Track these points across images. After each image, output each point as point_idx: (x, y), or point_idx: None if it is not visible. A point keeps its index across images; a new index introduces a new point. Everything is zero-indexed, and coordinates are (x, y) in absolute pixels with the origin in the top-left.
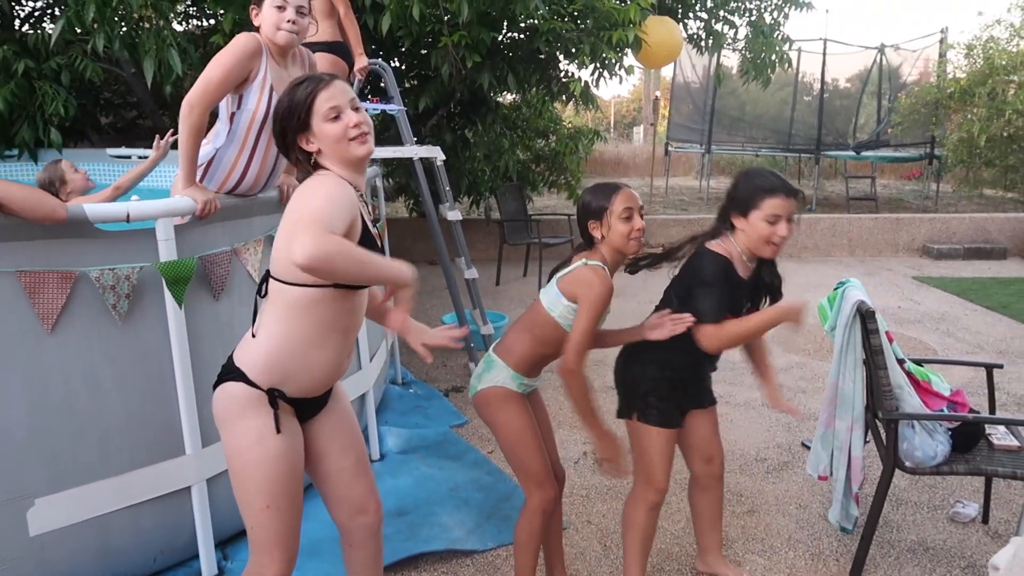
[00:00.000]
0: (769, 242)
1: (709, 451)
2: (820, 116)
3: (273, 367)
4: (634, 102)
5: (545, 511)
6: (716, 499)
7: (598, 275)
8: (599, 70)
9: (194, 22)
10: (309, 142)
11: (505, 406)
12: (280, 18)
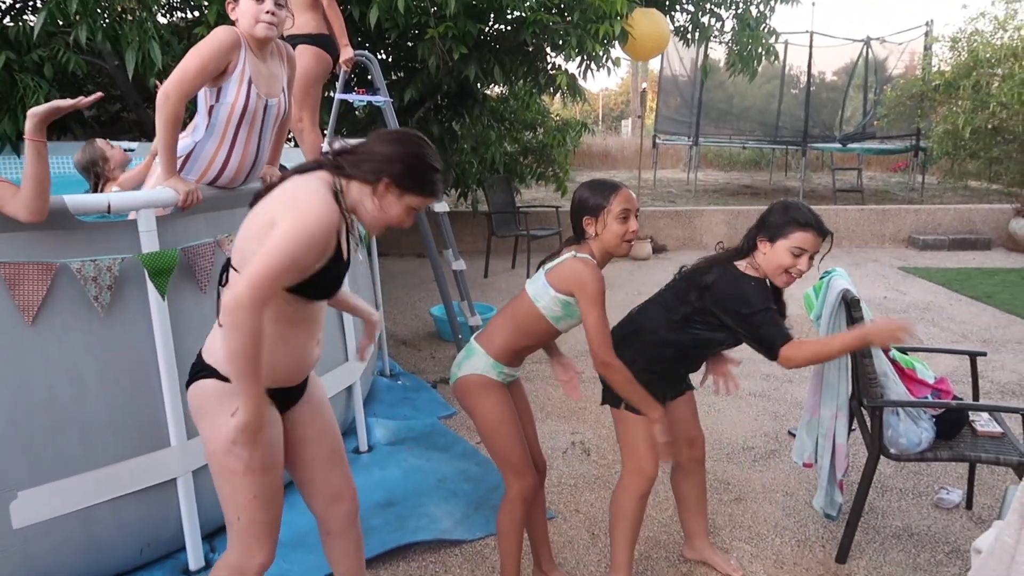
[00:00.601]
0: (786, 272)
1: (690, 433)
2: (807, 108)
3: None
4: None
5: (525, 499)
6: (699, 484)
7: (589, 267)
8: (586, 62)
9: (178, 14)
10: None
11: (484, 394)
12: (258, 10)
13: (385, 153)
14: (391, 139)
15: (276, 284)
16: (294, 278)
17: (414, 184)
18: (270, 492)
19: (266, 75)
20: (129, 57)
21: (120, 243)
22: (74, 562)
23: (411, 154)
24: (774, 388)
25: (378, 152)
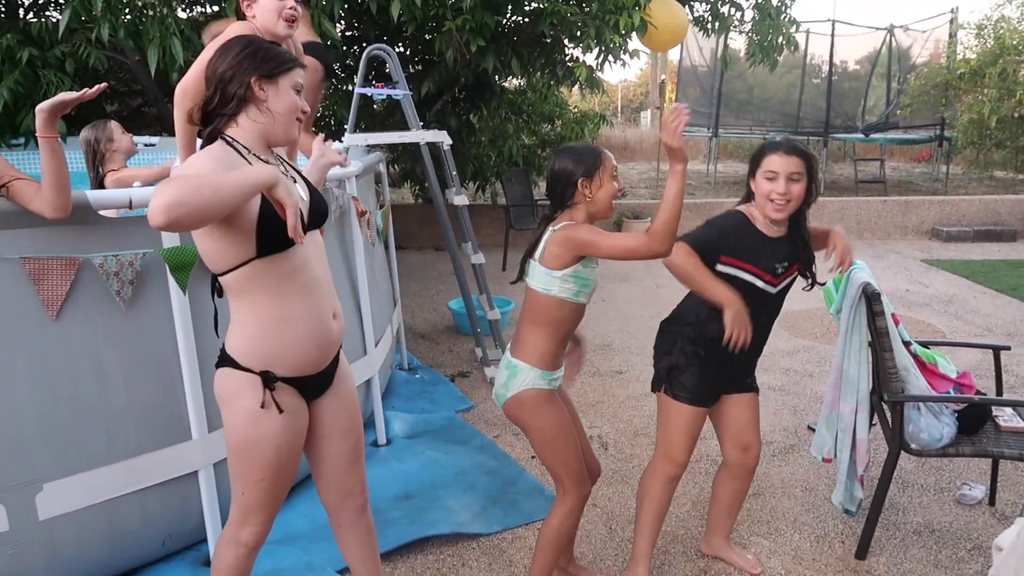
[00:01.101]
0: (769, 200)
1: (745, 440)
2: (828, 98)
3: (255, 351)
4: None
5: (582, 508)
6: (741, 491)
7: (573, 227)
8: (604, 54)
9: (198, 9)
10: (263, 89)
11: (541, 409)
12: (281, 7)
13: (228, 70)
14: (219, 56)
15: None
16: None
17: (274, 63)
18: (279, 477)
19: None
20: (151, 53)
21: (141, 238)
22: (98, 553)
23: (246, 48)
24: (793, 382)
25: (221, 76)
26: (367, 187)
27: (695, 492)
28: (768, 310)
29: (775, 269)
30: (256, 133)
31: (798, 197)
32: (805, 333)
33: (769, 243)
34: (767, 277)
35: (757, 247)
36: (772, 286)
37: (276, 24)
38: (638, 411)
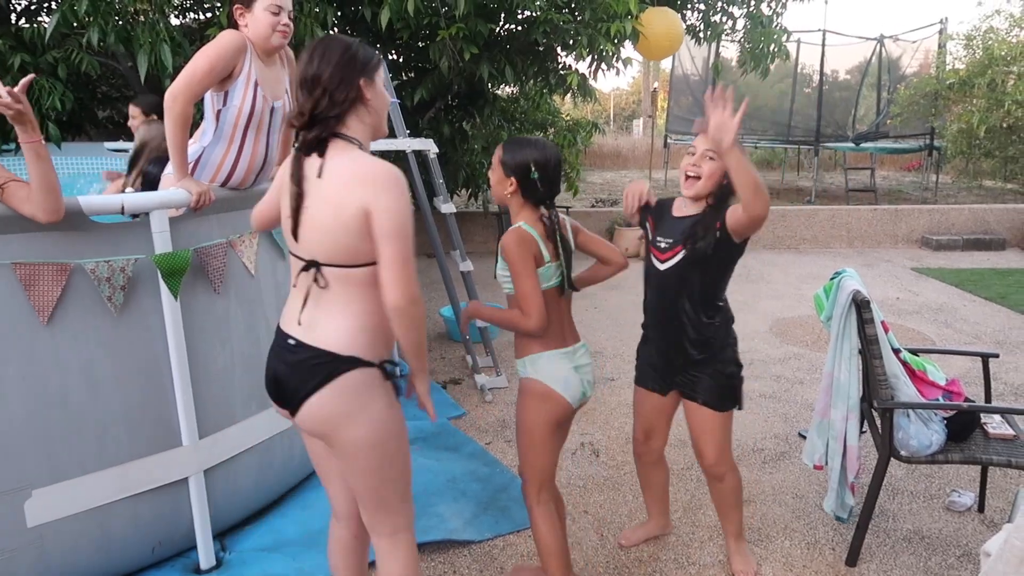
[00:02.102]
0: (685, 174)
1: (697, 447)
2: (819, 108)
3: (376, 343)
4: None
5: (547, 502)
6: (715, 492)
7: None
8: (596, 62)
9: (190, 15)
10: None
11: (543, 405)
12: (275, 22)
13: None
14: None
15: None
16: None
17: (371, 62)
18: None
19: (271, 79)
20: (141, 59)
21: (133, 244)
22: (87, 560)
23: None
24: (784, 390)
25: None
26: None
27: (686, 499)
28: (660, 294)
29: (657, 242)
30: (365, 132)
31: (709, 175)
32: (796, 340)
33: (671, 220)
34: (652, 250)
35: (661, 221)
36: (659, 261)
37: (270, 36)
38: (630, 418)
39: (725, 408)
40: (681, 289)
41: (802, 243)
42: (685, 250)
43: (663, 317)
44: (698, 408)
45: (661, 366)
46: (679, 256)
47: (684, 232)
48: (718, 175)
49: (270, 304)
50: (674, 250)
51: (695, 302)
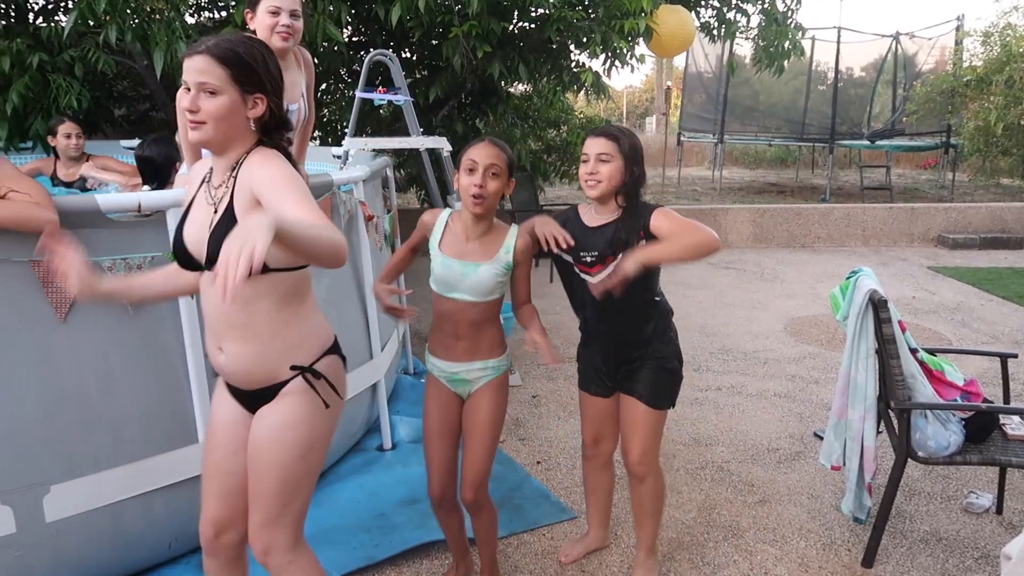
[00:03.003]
0: (584, 181)
1: (625, 444)
2: (834, 105)
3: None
4: (646, 92)
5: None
6: (635, 495)
7: (426, 213)
8: (610, 60)
9: (205, 14)
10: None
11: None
12: (274, 23)
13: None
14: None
15: None
16: None
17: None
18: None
19: (286, 82)
20: (157, 57)
21: (149, 242)
22: (104, 555)
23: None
24: (800, 389)
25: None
26: (374, 192)
27: (700, 499)
28: (599, 302)
29: (581, 257)
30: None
31: (609, 177)
32: (811, 340)
33: (586, 232)
34: (578, 266)
35: (575, 237)
36: (588, 275)
37: (270, 39)
38: None
39: (660, 406)
40: (623, 300)
41: (817, 242)
42: (615, 262)
43: (603, 326)
44: (633, 403)
45: (605, 369)
46: (609, 268)
47: (608, 243)
48: (617, 175)
49: None
50: (603, 263)
51: (632, 306)
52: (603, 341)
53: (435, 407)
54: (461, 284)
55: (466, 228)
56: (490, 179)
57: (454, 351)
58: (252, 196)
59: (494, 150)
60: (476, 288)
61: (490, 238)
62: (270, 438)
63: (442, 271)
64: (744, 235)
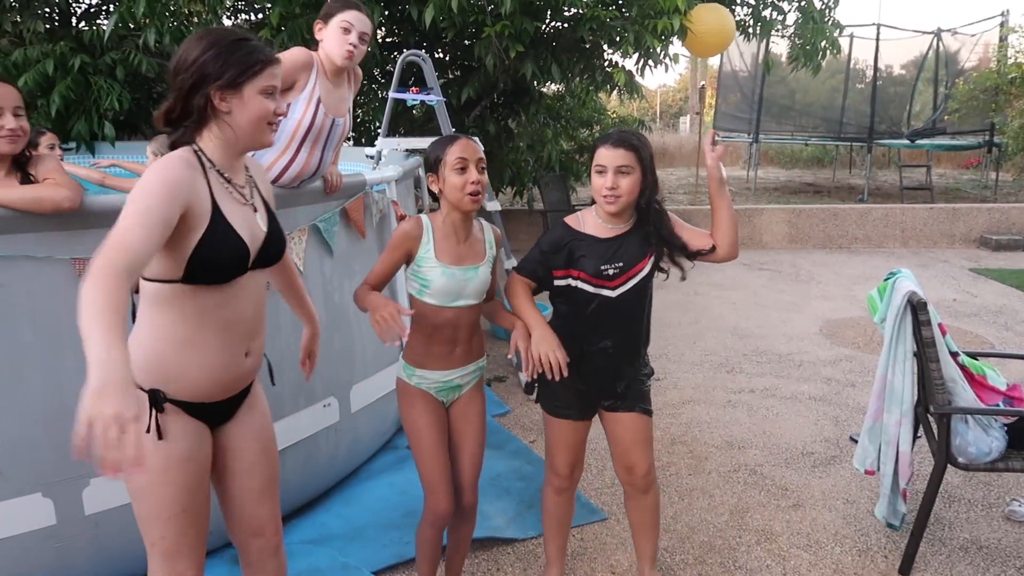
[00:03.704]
0: (600, 195)
1: (628, 460)
2: (873, 103)
3: (149, 366)
4: (680, 91)
5: (433, 525)
6: (640, 508)
7: (408, 219)
8: (643, 59)
9: (242, 16)
10: (224, 101)
11: (403, 402)
12: (344, 40)
13: (188, 78)
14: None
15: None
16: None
17: (236, 69)
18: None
19: (336, 97)
20: None
21: None
22: (140, 548)
23: (205, 52)
24: (835, 392)
25: (181, 86)
26: (407, 191)
27: (733, 502)
28: (614, 316)
29: (602, 271)
30: (221, 146)
31: (629, 191)
32: (847, 342)
33: (599, 245)
34: (596, 281)
35: (583, 251)
36: (609, 289)
37: (335, 54)
38: (676, 419)
39: (652, 411)
40: (637, 309)
41: (854, 243)
42: (639, 274)
43: (608, 341)
44: (636, 418)
45: (594, 391)
46: (638, 277)
47: (634, 251)
48: (637, 188)
49: (318, 300)
50: (630, 272)
51: (645, 319)
52: (607, 361)
53: (429, 422)
54: (465, 290)
55: (456, 231)
56: (482, 174)
57: (451, 359)
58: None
59: (476, 146)
60: (478, 291)
61: (473, 237)
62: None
63: (446, 281)
64: (779, 236)
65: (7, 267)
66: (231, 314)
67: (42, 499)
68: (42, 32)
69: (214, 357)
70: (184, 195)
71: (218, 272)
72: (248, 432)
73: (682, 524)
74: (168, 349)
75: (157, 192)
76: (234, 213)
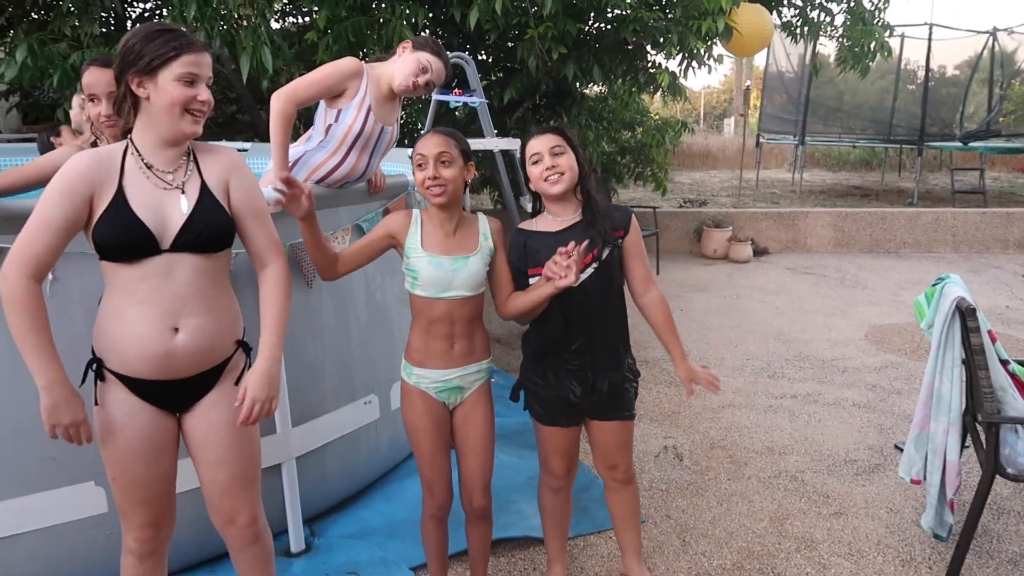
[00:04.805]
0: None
1: (611, 460)
2: (924, 105)
3: (96, 335)
4: (725, 93)
5: (432, 517)
6: (625, 500)
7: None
8: (687, 60)
9: (290, 19)
10: (141, 87)
11: (404, 401)
12: (415, 74)
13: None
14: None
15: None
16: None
17: (148, 56)
18: (126, 478)
19: (387, 108)
20: (243, 61)
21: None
22: (185, 538)
23: (126, 42)
24: (880, 399)
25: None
26: None
27: (773, 508)
28: (581, 310)
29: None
30: (146, 133)
31: (568, 167)
32: (894, 348)
33: (550, 238)
34: None
35: (537, 247)
36: None
37: (397, 80)
38: (715, 423)
39: (635, 414)
40: (604, 302)
41: (902, 247)
42: (597, 259)
43: (587, 340)
44: (619, 424)
45: (580, 394)
46: (592, 266)
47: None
48: (575, 165)
49: (359, 298)
50: (584, 259)
51: (619, 307)
52: (590, 361)
53: (428, 422)
54: (455, 280)
55: (442, 223)
56: (443, 168)
57: (449, 356)
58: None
59: (441, 138)
60: (470, 281)
61: (465, 229)
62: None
63: (434, 271)
64: (824, 239)
65: (63, 262)
66: (149, 289)
67: (94, 487)
68: (98, 35)
69: (133, 328)
70: (83, 188)
71: (120, 250)
72: (215, 426)
73: (720, 529)
74: (104, 319)
75: (53, 197)
76: (142, 196)
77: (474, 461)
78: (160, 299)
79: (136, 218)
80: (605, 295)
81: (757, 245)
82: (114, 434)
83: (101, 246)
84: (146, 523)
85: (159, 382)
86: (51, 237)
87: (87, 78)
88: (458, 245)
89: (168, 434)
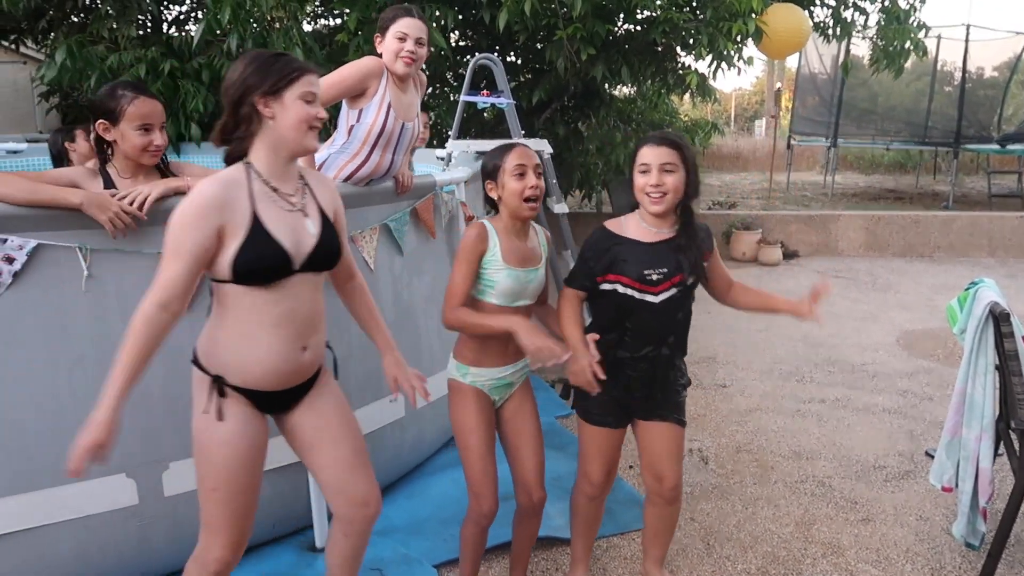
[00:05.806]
0: (645, 193)
1: (658, 470)
2: (960, 107)
3: (215, 354)
4: (756, 94)
5: (478, 524)
6: (661, 517)
7: (471, 227)
8: (717, 62)
9: (321, 21)
10: (267, 107)
11: (454, 400)
12: (400, 47)
13: (235, 91)
14: (228, 78)
15: (164, 283)
16: (191, 271)
17: (275, 77)
18: (234, 489)
19: (405, 103)
20: None
21: None
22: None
23: (247, 65)
24: (911, 405)
25: (231, 99)
26: (475, 193)
27: (799, 513)
28: (656, 323)
29: (645, 276)
30: (268, 154)
31: (674, 188)
32: (926, 354)
33: (642, 249)
34: (639, 286)
35: (625, 256)
36: (652, 295)
37: (395, 63)
38: (742, 426)
39: (686, 422)
40: (679, 317)
41: (936, 251)
42: (682, 282)
43: (656, 349)
44: (669, 427)
45: (634, 398)
46: (677, 287)
47: (678, 258)
48: (682, 186)
49: (387, 298)
50: (670, 280)
51: (685, 326)
52: (649, 369)
53: (480, 421)
54: (527, 291)
55: (517, 234)
56: (539, 179)
57: (506, 355)
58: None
59: (533, 152)
60: (537, 291)
61: (531, 239)
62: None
63: (512, 283)
64: (855, 243)
65: (99, 260)
66: (284, 312)
67: (126, 479)
68: (135, 38)
69: (269, 351)
70: (214, 216)
71: (260, 275)
72: (325, 409)
73: (745, 533)
74: (228, 341)
75: (184, 224)
76: (276, 220)
77: (530, 453)
78: (293, 322)
79: (275, 242)
80: (682, 310)
81: (787, 248)
82: (230, 444)
83: (241, 272)
84: (232, 542)
85: (276, 392)
86: (181, 266)
87: (142, 107)
88: (529, 257)
89: (266, 438)
